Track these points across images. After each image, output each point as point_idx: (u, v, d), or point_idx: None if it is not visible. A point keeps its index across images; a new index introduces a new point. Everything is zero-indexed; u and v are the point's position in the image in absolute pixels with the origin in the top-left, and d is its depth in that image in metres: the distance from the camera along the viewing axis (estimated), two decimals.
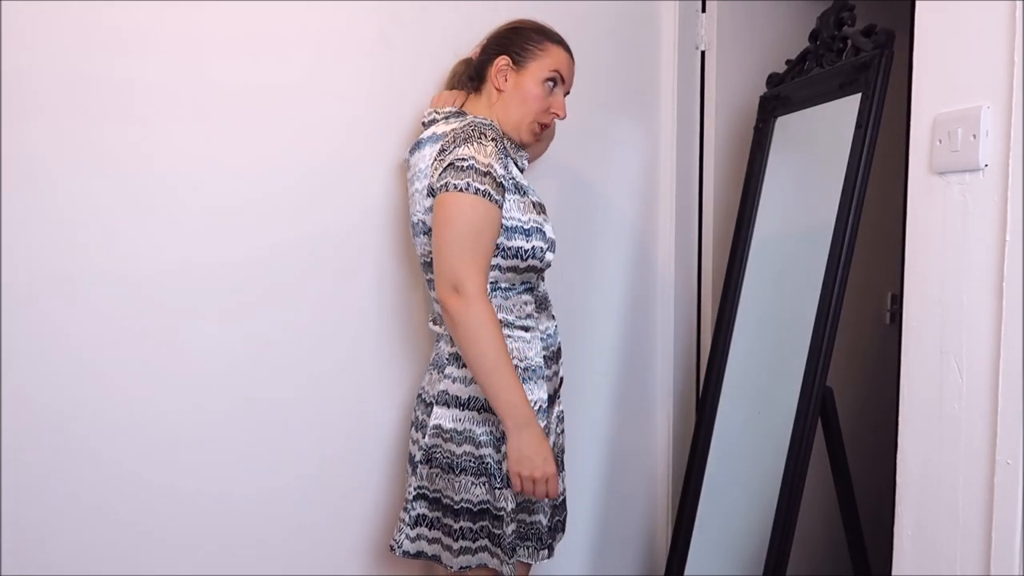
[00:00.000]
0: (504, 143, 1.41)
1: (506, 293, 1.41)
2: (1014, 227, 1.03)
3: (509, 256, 1.37)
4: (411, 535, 1.44)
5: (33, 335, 1.31)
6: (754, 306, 1.85)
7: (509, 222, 1.36)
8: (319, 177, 1.55)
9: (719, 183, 2.14)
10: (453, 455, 1.39)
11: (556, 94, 1.47)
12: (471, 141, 1.33)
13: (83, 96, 1.32)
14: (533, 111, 1.45)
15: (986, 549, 1.08)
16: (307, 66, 1.52)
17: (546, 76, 1.44)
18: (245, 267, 1.49)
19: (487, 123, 1.41)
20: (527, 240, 1.38)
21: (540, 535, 1.45)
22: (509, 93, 1.45)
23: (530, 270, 1.41)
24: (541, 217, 1.42)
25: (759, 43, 2.12)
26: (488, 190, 1.29)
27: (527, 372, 1.40)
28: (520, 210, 1.38)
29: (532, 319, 1.44)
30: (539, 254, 1.40)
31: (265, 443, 1.53)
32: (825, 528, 2.18)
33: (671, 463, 2.16)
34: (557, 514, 1.54)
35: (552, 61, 1.45)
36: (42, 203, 1.31)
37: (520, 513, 1.44)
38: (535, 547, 1.46)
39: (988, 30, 1.06)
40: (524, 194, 1.41)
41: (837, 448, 1.67)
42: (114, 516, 1.40)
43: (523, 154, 1.50)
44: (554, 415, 1.52)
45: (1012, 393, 1.04)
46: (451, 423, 1.40)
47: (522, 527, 1.44)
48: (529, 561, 1.46)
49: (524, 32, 1.47)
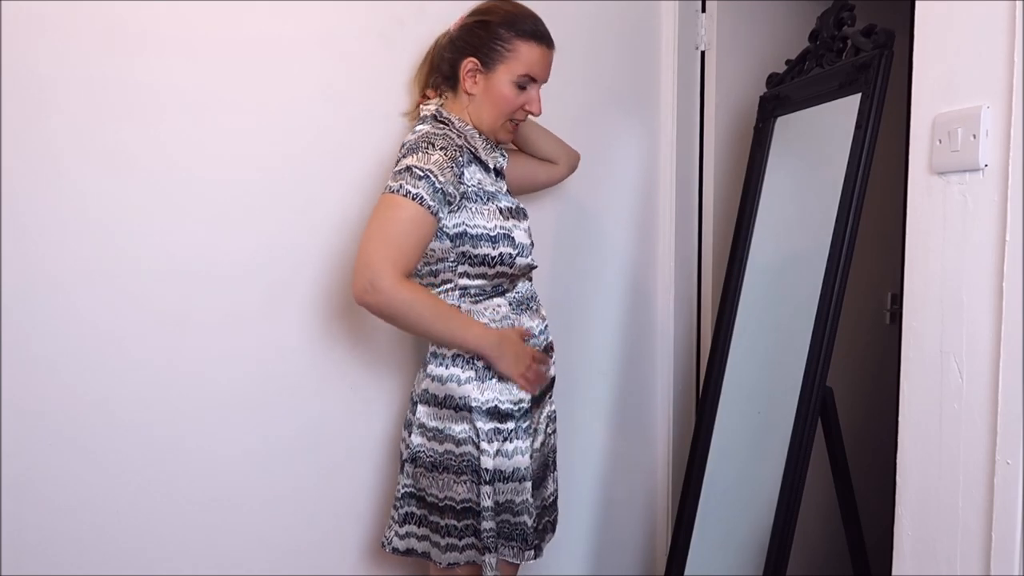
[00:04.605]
0: (461, 152, 1.38)
1: (475, 298, 1.42)
2: (1014, 227, 1.03)
3: (476, 263, 1.38)
4: (400, 532, 1.46)
5: (33, 335, 1.31)
6: (754, 306, 1.85)
7: (474, 230, 1.37)
8: (322, 176, 1.55)
9: (719, 183, 2.14)
10: (436, 453, 1.41)
11: (529, 91, 1.44)
12: (418, 151, 1.34)
13: (99, 97, 1.33)
14: (505, 112, 1.44)
15: (986, 549, 1.08)
16: (317, 68, 1.53)
17: (515, 80, 1.41)
18: (251, 266, 1.49)
19: (439, 134, 1.39)
20: (494, 247, 1.38)
21: (525, 535, 1.44)
22: (480, 96, 1.43)
23: (500, 276, 1.41)
24: (511, 223, 1.41)
25: (759, 43, 2.12)
26: (420, 194, 1.29)
27: None
28: (484, 217, 1.38)
29: (508, 320, 1.45)
30: (508, 260, 1.40)
31: (265, 443, 1.53)
32: (825, 528, 2.18)
33: (671, 463, 2.16)
34: (546, 515, 1.54)
35: (521, 64, 1.40)
36: (54, 201, 1.31)
37: (503, 513, 1.43)
38: (520, 547, 1.44)
39: (988, 30, 1.06)
40: (489, 201, 1.40)
41: (837, 448, 1.67)
42: (114, 516, 1.40)
43: (496, 155, 1.48)
44: (543, 415, 1.52)
45: (1012, 393, 1.04)
46: (433, 421, 1.42)
47: (506, 527, 1.43)
48: (515, 561, 1.45)
49: (492, 28, 1.40)
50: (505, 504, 1.42)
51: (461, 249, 1.37)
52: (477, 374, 1.41)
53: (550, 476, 1.57)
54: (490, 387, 1.41)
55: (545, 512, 1.53)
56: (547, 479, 1.55)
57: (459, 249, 1.38)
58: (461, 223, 1.37)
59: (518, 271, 1.43)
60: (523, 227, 1.45)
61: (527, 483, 1.42)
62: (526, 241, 1.44)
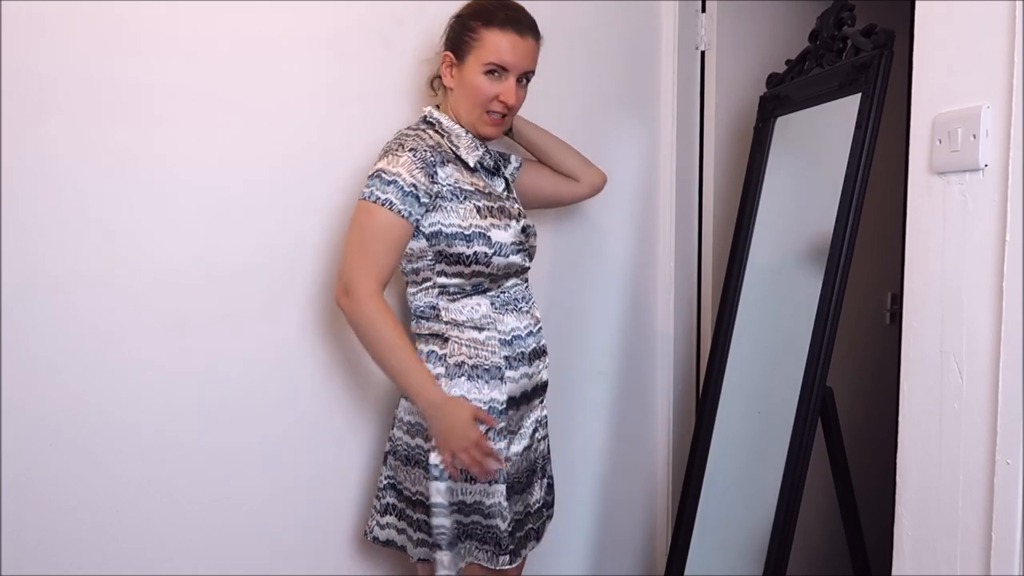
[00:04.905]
0: (434, 151, 1.38)
1: (453, 297, 1.42)
2: (1014, 227, 1.03)
3: (452, 262, 1.39)
4: (381, 523, 1.48)
5: (38, 332, 1.31)
6: (754, 306, 1.85)
7: (448, 229, 1.37)
8: (322, 177, 1.55)
9: (719, 183, 2.14)
10: (409, 447, 1.43)
11: (504, 82, 1.41)
12: (389, 154, 1.36)
13: (99, 97, 1.33)
14: (478, 103, 1.42)
15: (986, 549, 1.08)
16: (316, 68, 1.53)
17: (483, 69, 1.40)
18: (250, 266, 1.49)
19: (411, 134, 1.40)
20: (468, 246, 1.38)
21: (499, 539, 1.40)
22: (456, 89, 1.44)
23: (478, 275, 1.41)
24: (488, 221, 1.40)
25: (759, 43, 2.12)
26: (390, 199, 1.33)
27: (476, 370, 1.41)
28: (459, 216, 1.38)
29: (488, 319, 1.43)
30: (483, 259, 1.39)
31: (265, 442, 1.53)
32: (825, 528, 2.18)
33: (671, 463, 2.16)
34: (530, 522, 1.50)
35: (488, 52, 1.39)
36: (53, 201, 1.31)
37: (473, 514, 1.41)
38: (493, 551, 1.41)
39: (988, 30, 1.06)
40: (465, 199, 1.39)
41: (837, 448, 1.67)
42: (114, 516, 1.40)
43: (478, 153, 1.46)
44: (531, 419, 1.50)
45: (1012, 393, 1.04)
46: (408, 415, 1.44)
47: (478, 529, 1.41)
48: (488, 566, 1.42)
49: (463, 21, 1.42)
50: (474, 505, 1.40)
51: (437, 248, 1.38)
52: (447, 371, 1.41)
53: (537, 483, 1.53)
54: (458, 384, 1.40)
55: (529, 519, 1.50)
56: (533, 485, 1.52)
57: (435, 248, 1.39)
58: (436, 222, 1.38)
59: (497, 271, 1.42)
60: (505, 226, 1.42)
61: (499, 486, 1.39)
62: (505, 240, 1.41)
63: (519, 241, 1.45)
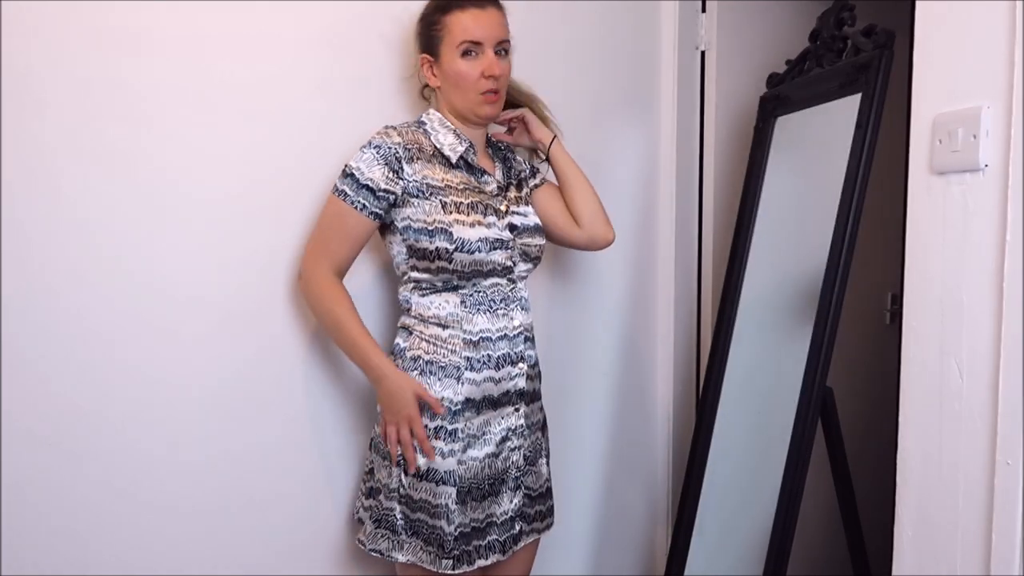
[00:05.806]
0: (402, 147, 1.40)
1: (424, 292, 1.44)
2: (1014, 227, 1.03)
3: (420, 257, 1.42)
4: (365, 504, 1.50)
5: (34, 334, 1.31)
6: (754, 306, 1.85)
7: (415, 224, 1.41)
8: (321, 177, 1.54)
9: (719, 183, 2.14)
10: (377, 435, 1.47)
11: (482, 58, 1.41)
12: (358, 151, 1.41)
13: (90, 96, 1.32)
14: (469, 87, 1.43)
15: (986, 549, 1.08)
16: (315, 68, 1.53)
17: (459, 52, 1.41)
18: (247, 268, 1.49)
19: (381, 132, 1.43)
20: (430, 241, 1.39)
21: (442, 542, 1.38)
22: (443, 84, 1.46)
23: (443, 271, 1.41)
24: (451, 217, 1.39)
25: (759, 43, 2.12)
26: (344, 190, 1.40)
27: (430, 366, 1.42)
28: (424, 211, 1.40)
29: (454, 317, 1.42)
30: (444, 255, 1.39)
31: (260, 445, 1.53)
32: (825, 528, 2.18)
33: (671, 463, 2.16)
34: (492, 533, 1.45)
35: (456, 34, 1.40)
36: (48, 203, 1.30)
37: (419, 512, 1.40)
38: (436, 554, 1.39)
39: (988, 30, 1.06)
40: (432, 195, 1.40)
41: (837, 448, 1.67)
42: (114, 516, 1.40)
43: (460, 150, 1.45)
44: (500, 427, 1.45)
45: (1012, 393, 1.04)
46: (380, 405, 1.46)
47: (423, 528, 1.40)
48: (430, 567, 1.39)
49: (425, 19, 1.46)
50: (420, 503, 1.40)
51: (408, 243, 1.42)
52: (403, 364, 1.43)
53: (506, 494, 1.47)
54: None
55: (492, 529, 1.45)
56: (500, 495, 1.46)
57: (407, 243, 1.42)
58: (407, 217, 1.41)
59: (463, 267, 1.40)
60: (476, 222, 1.40)
61: (447, 487, 1.38)
62: (470, 236, 1.39)
63: (499, 239, 1.43)
